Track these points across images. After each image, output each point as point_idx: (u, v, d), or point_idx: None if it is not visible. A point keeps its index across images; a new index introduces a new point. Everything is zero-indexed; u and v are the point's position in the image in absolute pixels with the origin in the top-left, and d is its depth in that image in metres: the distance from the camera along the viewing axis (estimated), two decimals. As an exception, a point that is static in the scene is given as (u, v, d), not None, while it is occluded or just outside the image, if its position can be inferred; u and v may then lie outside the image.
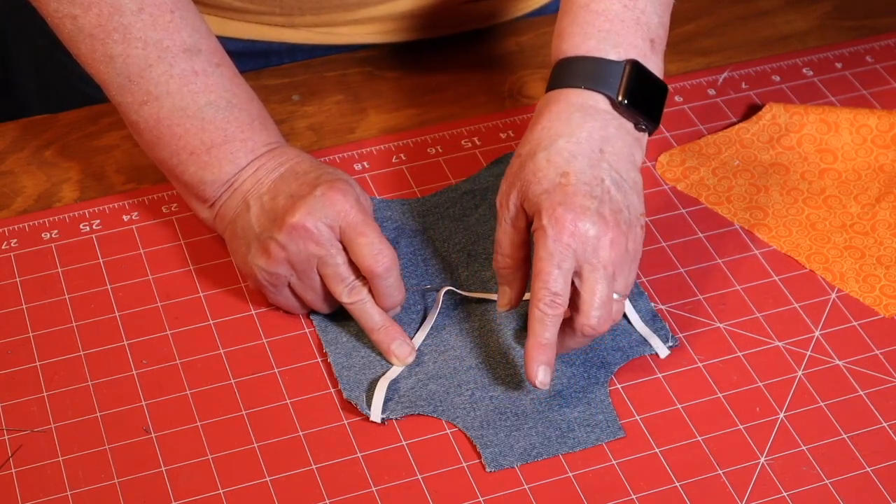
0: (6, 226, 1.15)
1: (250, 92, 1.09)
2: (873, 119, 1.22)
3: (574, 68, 1.05)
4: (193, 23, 1.07)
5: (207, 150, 1.06)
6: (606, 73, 1.04)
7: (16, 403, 1.03)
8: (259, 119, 1.08)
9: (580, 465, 1.00)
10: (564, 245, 0.99)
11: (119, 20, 1.04)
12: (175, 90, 1.06)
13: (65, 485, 0.98)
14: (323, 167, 1.07)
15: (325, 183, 1.04)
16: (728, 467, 1.00)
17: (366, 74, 1.30)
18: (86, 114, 1.25)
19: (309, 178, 1.05)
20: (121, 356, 1.06)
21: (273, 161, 1.07)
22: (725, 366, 1.06)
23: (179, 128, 1.06)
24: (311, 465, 0.99)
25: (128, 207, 1.17)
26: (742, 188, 1.19)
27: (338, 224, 1.03)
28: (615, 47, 1.05)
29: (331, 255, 1.03)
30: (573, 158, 1.01)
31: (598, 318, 0.99)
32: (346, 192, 1.03)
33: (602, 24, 1.05)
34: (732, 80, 1.29)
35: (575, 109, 1.03)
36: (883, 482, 0.99)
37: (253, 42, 1.27)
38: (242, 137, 1.07)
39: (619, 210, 1.01)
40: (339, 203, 1.03)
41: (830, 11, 1.38)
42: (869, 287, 1.12)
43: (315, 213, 1.02)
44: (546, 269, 0.99)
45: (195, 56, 1.06)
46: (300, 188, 1.04)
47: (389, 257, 1.03)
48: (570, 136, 1.02)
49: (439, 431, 1.02)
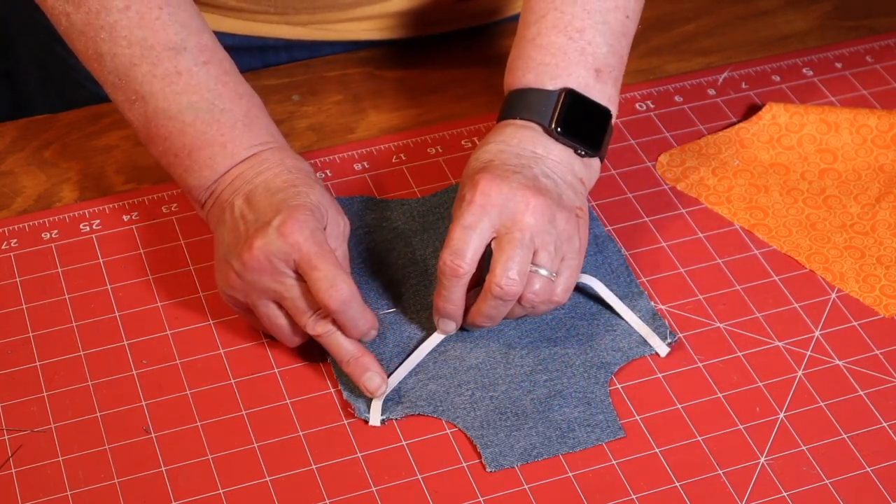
0: (6, 226, 1.15)
1: (239, 89, 1.06)
2: (873, 119, 1.22)
3: (514, 101, 1.08)
4: (183, 19, 1.05)
5: (188, 153, 1.05)
6: (541, 103, 1.06)
7: (16, 403, 1.03)
8: (243, 120, 1.05)
9: (580, 465, 1.00)
10: (477, 206, 1.01)
11: (106, 18, 1.04)
12: (158, 91, 1.04)
13: (65, 485, 0.98)
14: (294, 185, 1.03)
15: (285, 210, 1.00)
16: (728, 467, 1.00)
17: (366, 74, 1.30)
18: (86, 114, 1.25)
19: (276, 199, 1.01)
20: (121, 356, 1.06)
21: (251, 170, 1.04)
22: (725, 366, 1.06)
23: (164, 129, 1.05)
24: (311, 465, 0.99)
25: (128, 207, 1.17)
26: (742, 188, 1.19)
27: (291, 257, 0.99)
28: (553, 79, 1.07)
29: (286, 287, 1.00)
30: (500, 152, 1.04)
31: (508, 281, 1.00)
32: (303, 223, 0.99)
33: (543, 58, 1.08)
34: (732, 80, 1.29)
35: (507, 127, 1.07)
36: (883, 482, 0.99)
37: (249, 37, 1.27)
38: (222, 141, 1.04)
39: (548, 189, 1.02)
40: (293, 235, 0.99)
41: (830, 11, 1.38)
42: (869, 287, 1.12)
43: (269, 246, 0.99)
44: (452, 230, 1.01)
45: (179, 54, 1.04)
46: (264, 212, 1.01)
47: (344, 291, 0.99)
48: (499, 142, 1.06)
49: (439, 431, 1.02)
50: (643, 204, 1.18)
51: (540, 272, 1.01)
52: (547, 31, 1.08)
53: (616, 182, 1.20)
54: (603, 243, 1.14)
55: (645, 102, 1.27)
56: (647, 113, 1.26)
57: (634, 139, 1.23)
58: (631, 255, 1.14)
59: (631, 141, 1.23)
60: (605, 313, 1.09)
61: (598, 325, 1.08)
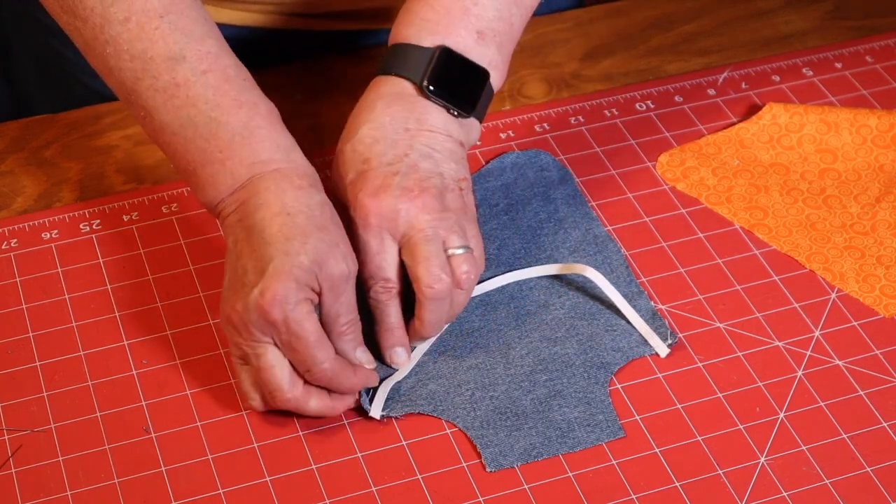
0: (6, 226, 1.15)
1: (241, 98, 1.03)
2: (873, 119, 1.22)
3: (390, 55, 1.08)
4: (184, 26, 1.02)
5: (193, 170, 1.03)
6: (415, 59, 1.06)
7: (16, 403, 1.03)
8: (240, 134, 1.02)
9: (580, 465, 1.00)
10: (374, 228, 1.01)
11: (108, 32, 1.02)
12: (161, 105, 1.02)
13: (65, 485, 0.98)
14: (287, 238, 0.98)
15: (267, 277, 0.96)
16: (728, 467, 1.00)
17: (366, 74, 1.29)
18: (86, 114, 1.25)
19: (266, 254, 0.98)
20: (121, 356, 1.06)
21: (251, 202, 1.00)
22: (725, 366, 1.06)
23: (170, 146, 1.04)
24: (311, 465, 0.99)
25: (128, 207, 1.17)
26: (742, 188, 1.19)
27: (269, 333, 0.97)
28: (431, 34, 1.07)
29: (255, 355, 0.98)
30: (375, 143, 1.04)
31: (435, 279, 1.01)
32: (282, 299, 0.96)
33: (426, 14, 1.08)
34: (732, 80, 1.29)
35: (379, 97, 1.06)
36: (883, 482, 0.99)
37: (245, 28, 1.26)
38: (221, 158, 1.02)
39: (428, 177, 1.03)
40: (272, 313, 0.96)
41: (830, 11, 1.38)
42: (869, 287, 1.11)
43: (249, 315, 0.97)
44: (365, 260, 1.02)
45: (178, 65, 1.02)
46: (253, 268, 0.98)
47: (326, 370, 0.98)
48: (372, 123, 1.05)
49: (439, 431, 1.02)
50: (643, 204, 1.18)
51: (457, 252, 1.02)
52: None
53: (616, 182, 1.20)
54: (603, 243, 1.14)
55: (645, 102, 1.27)
56: (647, 113, 1.26)
57: (634, 139, 1.24)
58: (631, 255, 1.14)
59: (631, 141, 1.23)
60: (605, 313, 1.09)
61: (598, 325, 1.08)
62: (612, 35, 1.35)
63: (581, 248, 1.13)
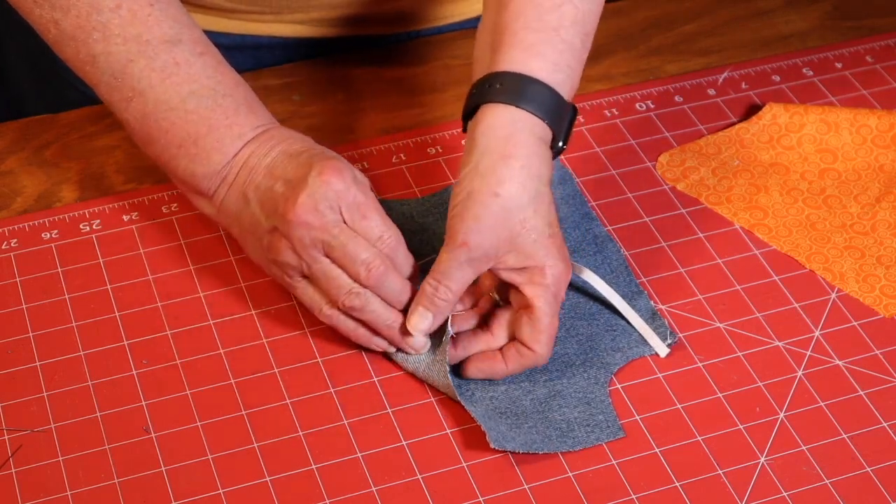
0: (6, 226, 1.15)
1: (237, 77, 1.08)
2: (873, 119, 1.22)
3: (528, 89, 1.03)
4: (174, 14, 1.06)
5: (194, 141, 1.05)
6: (553, 107, 1.04)
7: (16, 403, 1.03)
8: (245, 104, 1.06)
9: (580, 465, 1.00)
10: (560, 301, 1.03)
11: (97, 18, 1.04)
12: (158, 83, 1.05)
13: (65, 485, 0.98)
14: (314, 147, 1.05)
15: (319, 163, 1.02)
16: (728, 467, 1.00)
17: (366, 74, 1.30)
18: (86, 114, 1.25)
19: (302, 158, 1.03)
20: (121, 356, 1.06)
21: (263, 146, 1.05)
22: (725, 366, 1.06)
23: (165, 121, 1.05)
24: (311, 465, 0.99)
25: (128, 207, 1.17)
26: (742, 188, 1.19)
27: (338, 205, 1.01)
28: (554, 69, 1.04)
29: (333, 236, 1.01)
30: (552, 204, 1.02)
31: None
32: (342, 172, 1.01)
33: (539, 47, 1.04)
34: (732, 80, 1.29)
35: (529, 135, 1.02)
36: (883, 482, 0.99)
37: (244, 36, 1.27)
38: (227, 124, 1.05)
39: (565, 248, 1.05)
40: (337, 184, 1.01)
41: (830, 11, 1.38)
42: (869, 287, 1.12)
43: (315, 195, 1.01)
44: (553, 325, 1.02)
45: (176, 47, 1.05)
46: (296, 171, 1.03)
47: (393, 238, 1.02)
48: (545, 181, 1.02)
49: (439, 431, 1.02)
50: (643, 204, 1.18)
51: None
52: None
53: (616, 182, 1.20)
54: (603, 243, 1.14)
55: (645, 102, 1.27)
56: (647, 113, 1.26)
57: (634, 139, 1.24)
58: (631, 255, 1.14)
59: (631, 141, 1.23)
60: (605, 313, 1.09)
61: (598, 325, 1.08)
62: (612, 35, 1.35)
63: (581, 248, 1.13)
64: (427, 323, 1.02)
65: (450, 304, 1.02)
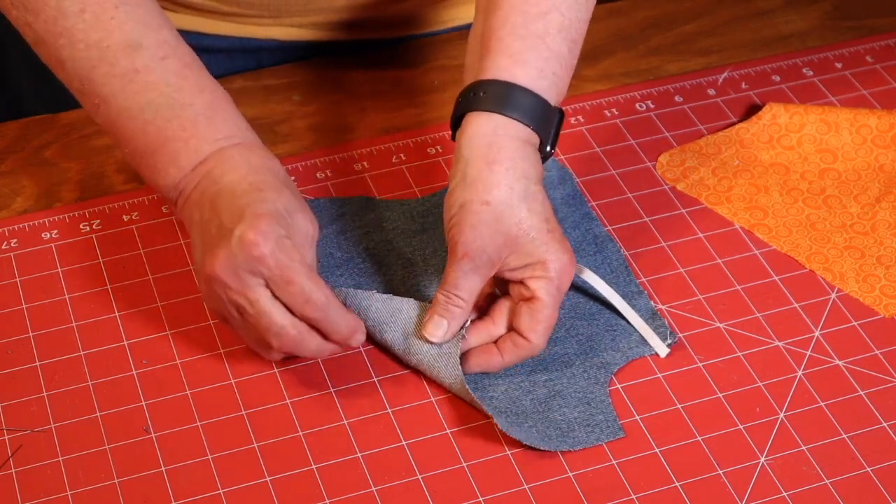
0: (6, 226, 1.15)
1: (201, 83, 1.03)
2: (873, 119, 1.22)
3: (515, 97, 1.03)
4: (140, 16, 1.03)
5: (152, 153, 1.02)
6: (539, 113, 1.03)
7: (16, 403, 1.03)
8: (205, 113, 1.02)
9: (580, 465, 1.00)
10: (563, 294, 1.03)
11: (63, 23, 1.02)
12: (119, 90, 1.02)
13: (65, 485, 0.98)
14: (259, 190, 0.99)
15: (247, 220, 0.96)
16: (728, 467, 1.00)
17: (366, 74, 1.30)
18: (86, 114, 1.24)
19: (240, 203, 0.98)
20: (121, 356, 1.06)
21: (218, 168, 1.00)
22: (725, 366, 1.06)
23: (127, 130, 1.03)
24: (311, 465, 0.99)
25: (128, 207, 1.17)
26: (742, 188, 1.19)
27: (258, 270, 0.96)
28: (539, 75, 1.04)
29: (249, 302, 0.97)
30: (546, 200, 1.03)
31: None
32: (266, 234, 0.96)
33: (525, 54, 1.04)
34: (732, 80, 1.29)
35: (528, 149, 1.03)
36: (883, 482, 0.99)
37: (243, 39, 1.27)
38: (184, 137, 1.01)
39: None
40: (258, 248, 0.95)
41: (830, 11, 1.38)
42: (869, 287, 1.12)
43: (233, 260, 0.96)
44: (553, 317, 1.02)
45: (136, 52, 1.02)
46: (230, 217, 0.97)
47: (322, 300, 0.97)
48: (535, 180, 1.02)
49: (439, 431, 1.02)
50: (643, 204, 1.18)
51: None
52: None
53: (616, 182, 1.20)
54: (603, 243, 1.14)
55: (645, 102, 1.27)
56: (647, 113, 1.26)
57: (634, 139, 1.24)
58: (631, 255, 1.14)
59: (631, 141, 1.23)
60: (605, 313, 1.09)
61: (598, 325, 1.08)
62: (612, 35, 1.35)
63: (581, 248, 1.13)
64: (442, 330, 1.02)
65: (464, 311, 1.02)
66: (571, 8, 1.05)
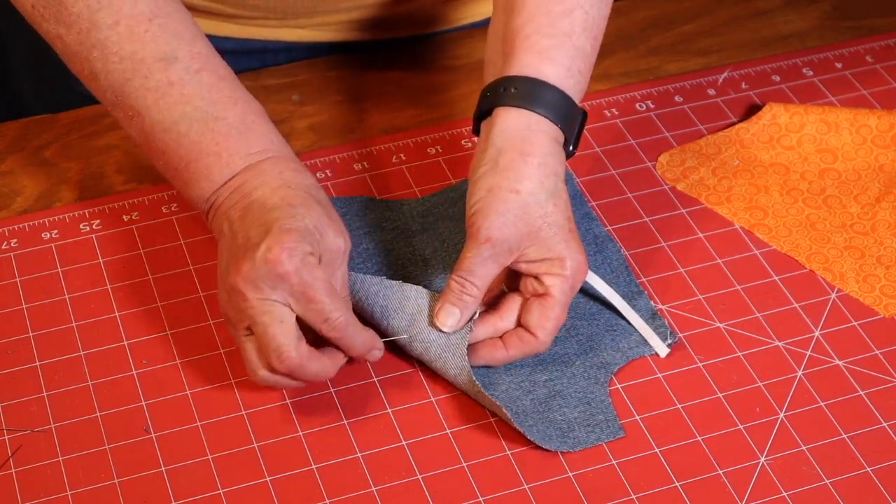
0: (6, 226, 1.15)
1: (235, 95, 1.03)
2: (873, 119, 1.22)
3: (537, 90, 1.04)
4: (173, 28, 1.03)
5: (185, 165, 1.03)
6: (565, 112, 1.04)
7: (16, 403, 1.03)
8: (238, 128, 1.02)
9: (580, 465, 1.00)
10: (574, 294, 1.04)
11: (96, 36, 1.02)
12: (153, 103, 1.02)
13: (65, 485, 0.98)
14: (291, 205, 0.99)
15: (274, 236, 0.96)
16: (728, 467, 1.00)
17: (366, 74, 1.30)
18: (86, 114, 1.25)
19: (270, 217, 0.98)
20: (121, 356, 1.06)
21: (249, 183, 1.01)
22: (725, 366, 1.06)
23: (161, 143, 1.03)
24: (311, 465, 0.99)
25: (128, 207, 1.17)
26: (742, 188, 1.19)
27: (280, 286, 0.96)
28: (567, 74, 1.05)
29: (257, 321, 0.97)
30: (569, 200, 1.04)
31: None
32: (292, 252, 0.96)
33: (553, 52, 1.05)
34: (732, 80, 1.29)
35: (557, 147, 1.04)
36: (883, 482, 0.99)
37: (248, 41, 1.27)
38: (217, 151, 1.02)
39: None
40: (282, 266, 0.95)
41: (830, 11, 1.38)
42: (869, 287, 1.12)
43: (255, 272, 0.96)
44: (562, 316, 1.03)
45: (171, 65, 1.02)
46: (258, 231, 0.98)
47: (341, 318, 0.98)
48: (562, 178, 1.04)
49: (439, 431, 1.02)
50: (643, 204, 1.18)
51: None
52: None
53: (616, 182, 1.20)
54: (603, 243, 1.14)
55: (645, 102, 1.27)
56: (647, 113, 1.26)
57: (634, 139, 1.24)
58: (631, 255, 1.14)
59: (631, 141, 1.23)
60: (605, 313, 1.09)
61: (598, 325, 1.08)
62: (611, 35, 1.34)
63: (581, 248, 1.13)
64: (454, 319, 1.02)
65: (476, 300, 1.02)
66: (595, 5, 1.06)
